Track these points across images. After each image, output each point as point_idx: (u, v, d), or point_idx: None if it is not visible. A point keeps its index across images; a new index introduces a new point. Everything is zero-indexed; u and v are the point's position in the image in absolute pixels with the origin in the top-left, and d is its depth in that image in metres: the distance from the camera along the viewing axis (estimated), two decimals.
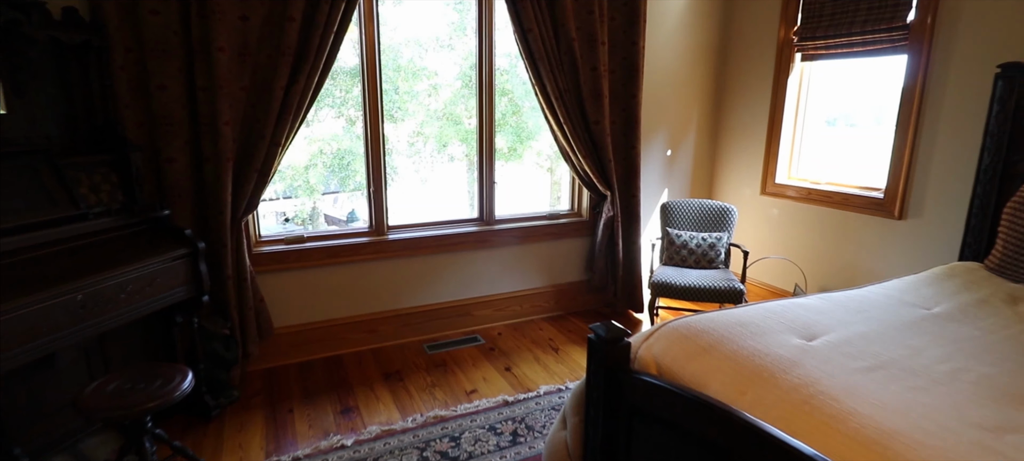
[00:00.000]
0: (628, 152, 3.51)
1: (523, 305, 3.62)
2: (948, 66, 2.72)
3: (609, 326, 1.63)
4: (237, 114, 2.52)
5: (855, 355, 1.50)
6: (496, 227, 3.46)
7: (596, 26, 3.19)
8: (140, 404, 1.78)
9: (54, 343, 1.79)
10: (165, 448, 2.14)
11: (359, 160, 3.85)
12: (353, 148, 3.99)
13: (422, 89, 4.01)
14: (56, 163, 2.07)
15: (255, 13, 2.48)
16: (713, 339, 1.58)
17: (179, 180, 2.48)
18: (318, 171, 4.21)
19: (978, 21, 2.60)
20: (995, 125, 2.43)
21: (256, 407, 2.59)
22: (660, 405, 1.45)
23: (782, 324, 1.68)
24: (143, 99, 2.41)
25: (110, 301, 1.94)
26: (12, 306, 1.65)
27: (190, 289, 2.28)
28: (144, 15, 2.32)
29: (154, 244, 2.21)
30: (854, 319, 1.77)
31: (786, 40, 3.47)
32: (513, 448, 2.28)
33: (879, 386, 1.33)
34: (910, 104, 2.87)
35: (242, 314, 2.68)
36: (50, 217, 1.97)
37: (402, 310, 3.28)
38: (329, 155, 4.11)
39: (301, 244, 2.98)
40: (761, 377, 1.39)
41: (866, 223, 3.13)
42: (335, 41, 2.60)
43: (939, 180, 2.79)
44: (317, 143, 4.00)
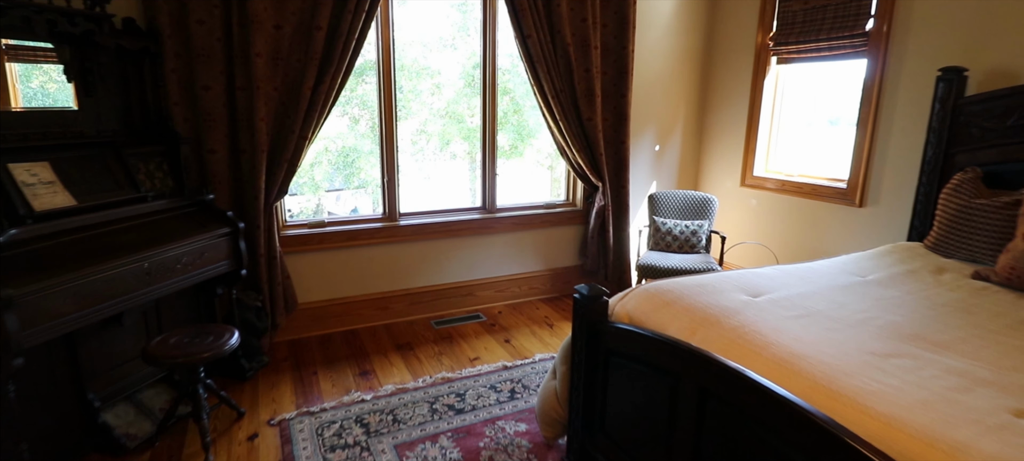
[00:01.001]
0: (618, 147, 3.84)
1: (522, 287, 3.96)
2: (900, 69, 3.05)
3: (591, 287, 1.97)
4: (270, 111, 2.87)
5: (788, 307, 1.83)
6: (497, 215, 3.80)
7: (589, 32, 3.53)
8: (198, 354, 2.13)
9: (125, 303, 2.13)
10: (213, 398, 2.49)
11: (363, 157, 4.14)
12: (358, 146, 4.22)
13: (425, 88, 4.27)
14: (120, 153, 2.42)
15: (288, 22, 2.82)
16: (674, 296, 1.92)
17: (220, 169, 2.83)
18: (323, 168, 4.48)
19: (925, 30, 2.93)
20: (936, 122, 2.76)
21: (284, 370, 2.94)
22: (630, 346, 1.79)
23: (734, 286, 2.02)
24: (190, 98, 2.75)
25: (170, 270, 2.29)
26: (96, 270, 1.99)
27: (231, 263, 2.63)
28: (192, 25, 2.66)
29: (201, 223, 2.55)
30: (797, 283, 2.10)
31: (763, 45, 3.80)
32: (511, 402, 2.62)
33: (801, 328, 1.67)
34: (869, 103, 3.20)
35: (272, 289, 3.02)
36: (117, 198, 2.32)
37: (411, 289, 3.62)
38: (334, 153, 4.38)
39: (322, 229, 3.33)
40: (708, 322, 1.73)
41: (832, 211, 3.46)
42: (356, 47, 2.94)
43: (893, 171, 3.12)
44: (322, 141, 4.24)
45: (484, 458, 2.21)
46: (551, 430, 2.23)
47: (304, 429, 2.39)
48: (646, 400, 1.74)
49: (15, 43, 2.23)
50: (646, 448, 1.77)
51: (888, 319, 1.76)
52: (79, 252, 2.03)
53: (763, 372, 1.44)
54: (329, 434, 2.35)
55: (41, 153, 2.17)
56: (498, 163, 3.77)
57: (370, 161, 3.93)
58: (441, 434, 2.37)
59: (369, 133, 3.87)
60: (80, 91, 2.39)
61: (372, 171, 3.83)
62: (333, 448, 2.26)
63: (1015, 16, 2.58)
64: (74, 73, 2.36)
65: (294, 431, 2.37)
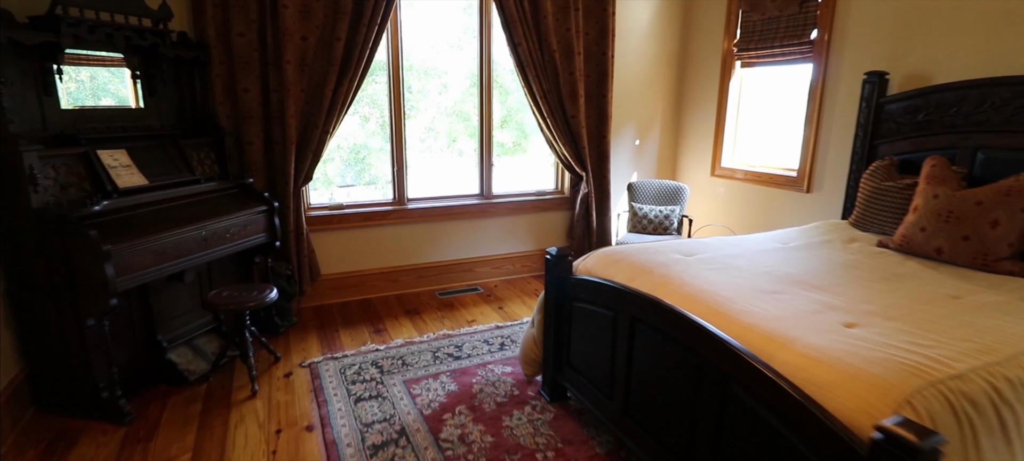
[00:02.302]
0: (600, 141, 4.34)
1: (515, 264, 4.47)
2: (839, 73, 3.52)
3: (559, 249, 2.48)
4: (298, 109, 3.39)
5: (710, 263, 2.33)
6: (494, 201, 4.31)
7: (573, 40, 4.03)
8: (245, 302, 2.66)
9: (187, 263, 2.66)
10: (254, 342, 3.01)
11: (373, 154, 4.58)
12: (368, 143, 4.59)
13: (433, 87, 4.62)
14: (178, 143, 2.95)
15: (312, 34, 3.34)
16: (622, 255, 2.42)
17: (256, 157, 3.36)
18: (336, 164, 4.95)
19: (857, 39, 3.40)
20: (863, 118, 3.24)
21: (311, 328, 3.47)
22: (587, 292, 2.30)
23: (673, 249, 2.52)
24: (232, 98, 3.28)
25: (221, 238, 2.82)
26: (167, 234, 2.52)
27: (268, 236, 3.16)
28: (234, 37, 3.19)
29: (243, 202, 3.08)
30: (729, 249, 2.60)
31: (729, 51, 4.28)
32: (500, 352, 3.14)
33: (714, 275, 2.16)
34: (814, 102, 3.68)
35: (299, 260, 3.55)
36: (178, 180, 2.85)
37: (418, 265, 4.14)
38: (346, 150, 4.84)
39: (341, 211, 3.86)
40: (644, 272, 2.22)
41: (784, 196, 3.94)
42: (370, 55, 3.46)
43: (833, 161, 3.60)
44: (335, 139, 4.55)
45: (476, 389, 2.73)
46: (530, 368, 2.74)
47: (330, 369, 2.91)
48: (596, 333, 2.25)
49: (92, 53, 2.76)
50: (598, 371, 2.28)
51: (785, 271, 2.26)
52: (153, 220, 2.56)
53: (676, 303, 1.93)
54: (350, 373, 2.88)
55: (119, 142, 2.70)
56: (503, 158, 4.28)
57: (379, 158, 4.37)
58: (441, 374, 2.88)
59: (379, 131, 4.31)
60: (145, 92, 2.93)
61: (381, 167, 4.28)
62: (354, 382, 2.78)
63: (928, 28, 3.05)
64: (142, 78, 2.90)
65: (322, 371, 2.90)
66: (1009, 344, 1.61)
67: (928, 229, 2.50)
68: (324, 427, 2.41)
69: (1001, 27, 2.74)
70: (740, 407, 1.60)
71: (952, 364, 1.47)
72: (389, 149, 4.00)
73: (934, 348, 1.55)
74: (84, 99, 2.75)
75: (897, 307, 1.89)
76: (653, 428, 1.98)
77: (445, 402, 2.62)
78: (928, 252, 2.49)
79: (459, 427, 2.42)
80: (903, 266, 2.38)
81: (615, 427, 2.20)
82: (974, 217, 2.38)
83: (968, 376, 1.44)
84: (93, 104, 2.77)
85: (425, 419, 2.48)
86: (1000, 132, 2.66)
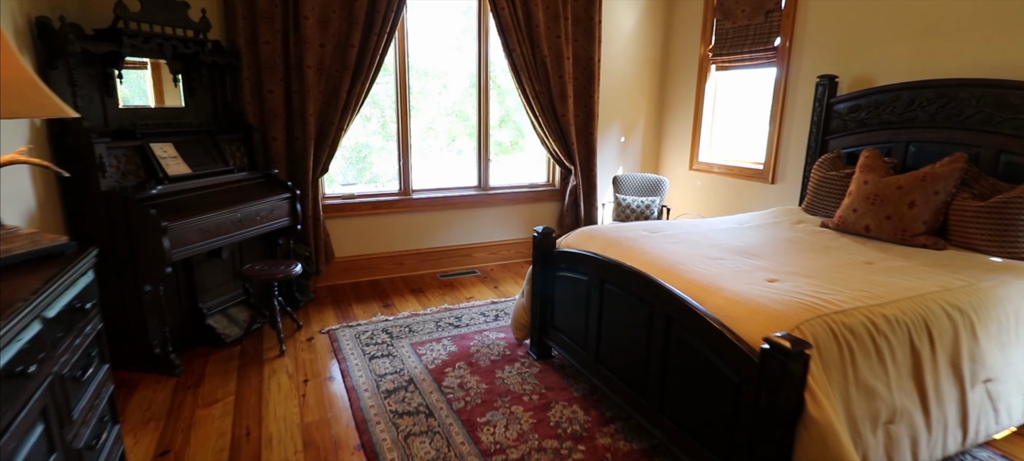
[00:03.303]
0: (587, 138, 4.77)
1: (510, 250, 4.90)
2: (798, 76, 3.95)
3: (545, 228, 2.91)
4: (316, 109, 3.82)
5: (671, 238, 2.76)
6: (491, 192, 4.74)
7: (562, 45, 4.46)
8: (275, 274, 3.10)
9: (225, 241, 3.09)
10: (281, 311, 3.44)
11: (375, 153, 4.96)
12: (369, 142, 4.84)
13: (433, 88, 4.73)
14: (214, 138, 3.39)
15: (329, 42, 3.77)
16: (598, 232, 2.85)
17: (279, 151, 3.79)
18: (338, 164, 5.26)
19: (814, 46, 3.82)
20: (816, 116, 3.67)
21: (327, 303, 3.90)
22: (567, 262, 2.73)
23: (642, 228, 2.95)
24: (258, 99, 3.71)
25: (252, 219, 3.25)
26: (209, 215, 2.95)
27: (290, 220, 3.58)
28: (261, 45, 3.62)
29: (270, 190, 3.51)
30: (689, 228, 3.03)
31: (705, 55, 4.71)
32: (495, 322, 3.56)
33: (671, 247, 2.59)
34: (778, 102, 4.10)
35: (316, 243, 3.98)
36: (215, 170, 3.28)
37: (421, 250, 4.57)
38: (348, 149, 5.15)
39: (352, 199, 4.29)
40: (615, 245, 2.65)
41: (753, 187, 4.37)
42: (380, 60, 3.89)
43: (794, 155, 4.02)
44: None
45: (473, 350, 3.16)
46: (520, 332, 3.17)
47: (346, 335, 3.35)
48: (574, 296, 2.68)
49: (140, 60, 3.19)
50: (575, 328, 2.70)
51: (733, 244, 2.68)
52: (197, 203, 2.99)
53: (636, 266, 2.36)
54: (364, 337, 3.31)
55: (166, 137, 3.14)
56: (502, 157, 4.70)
57: (380, 156, 4.72)
58: (443, 338, 3.31)
59: (379, 130, 4.67)
60: (186, 94, 3.36)
61: (382, 166, 4.67)
62: (367, 345, 3.21)
63: (871, 37, 3.47)
64: (183, 81, 3.33)
65: (339, 336, 3.33)
66: (894, 293, 2.04)
67: (859, 210, 2.93)
68: (345, 377, 2.85)
69: (929, 37, 3.17)
70: (680, 341, 2.02)
71: (840, 304, 1.90)
72: (396, 144, 4.42)
73: (830, 294, 1.98)
74: (134, 99, 3.18)
75: (815, 269, 2.31)
76: (618, 369, 2.41)
77: (446, 360, 3.05)
78: (858, 230, 2.92)
79: (458, 378, 2.85)
80: (836, 241, 2.81)
81: (589, 373, 2.62)
82: (895, 199, 2.81)
83: (851, 312, 1.87)
84: (142, 104, 3.20)
85: (430, 372, 2.91)
86: (927, 128, 3.08)
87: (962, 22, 3.01)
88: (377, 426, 2.43)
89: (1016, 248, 2.51)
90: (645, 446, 2.31)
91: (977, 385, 2.12)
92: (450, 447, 2.29)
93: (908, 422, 1.93)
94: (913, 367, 1.94)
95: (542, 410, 2.56)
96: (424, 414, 2.52)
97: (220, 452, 2.26)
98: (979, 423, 2.15)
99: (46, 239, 1.58)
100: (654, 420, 2.18)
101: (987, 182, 2.74)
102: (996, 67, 2.86)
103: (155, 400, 2.65)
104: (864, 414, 1.80)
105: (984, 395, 2.16)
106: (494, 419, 2.49)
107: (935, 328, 1.98)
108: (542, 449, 2.28)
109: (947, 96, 2.97)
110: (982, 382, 2.14)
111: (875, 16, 3.43)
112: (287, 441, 2.34)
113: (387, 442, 2.32)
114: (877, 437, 1.84)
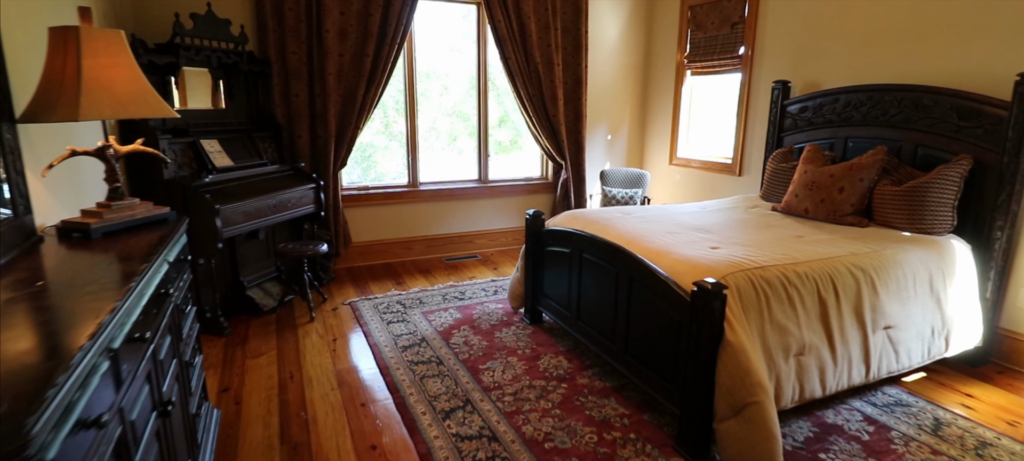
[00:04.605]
0: (577, 137, 5.31)
1: (507, 237, 5.44)
2: (760, 82, 4.49)
3: (535, 211, 3.44)
4: (336, 110, 4.35)
5: (641, 218, 3.29)
6: (490, 185, 5.28)
7: (553, 54, 4.99)
8: (305, 252, 3.63)
9: (262, 223, 3.62)
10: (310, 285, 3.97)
11: (378, 152, 5.40)
12: (373, 142, 5.21)
13: (435, 89, 5.07)
14: (251, 135, 3.92)
15: (347, 52, 4.30)
16: (580, 214, 3.38)
17: (304, 147, 4.33)
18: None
19: (771, 55, 4.36)
20: (773, 116, 4.21)
21: (346, 281, 4.43)
22: (554, 238, 3.27)
23: (617, 212, 3.48)
24: (286, 101, 4.24)
25: (285, 205, 3.78)
26: (250, 200, 3.48)
27: (315, 207, 4.11)
28: (288, 54, 4.15)
29: (298, 180, 4.03)
30: (658, 212, 3.56)
31: (681, 62, 5.25)
32: (494, 296, 4.10)
33: (639, 225, 3.12)
34: (742, 104, 4.64)
35: (336, 228, 4.52)
36: (253, 163, 3.82)
37: (428, 236, 5.11)
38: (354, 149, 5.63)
39: (366, 191, 4.82)
40: (593, 223, 3.18)
41: (722, 179, 4.91)
42: (391, 67, 4.42)
43: (757, 151, 4.56)
44: None
45: (475, 317, 3.69)
46: (515, 301, 3.70)
47: (365, 306, 3.88)
48: (560, 266, 3.22)
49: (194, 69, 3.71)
50: (561, 293, 3.24)
51: (690, 223, 3.22)
52: (241, 191, 3.52)
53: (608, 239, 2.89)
54: (381, 308, 3.84)
55: (212, 134, 3.67)
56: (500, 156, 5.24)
57: (384, 155, 5.19)
58: (449, 308, 3.85)
59: (383, 130, 5.13)
60: (227, 98, 3.89)
61: (385, 164, 5.14)
62: (384, 313, 3.75)
63: (817, 47, 4.01)
64: (224, 86, 3.87)
65: (360, 306, 3.87)
66: (807, 256, 2.58)
67: (800, 195, 3.47)
68: (367, 337, 3.38)
69: (863, 49, 3.71)
70: (638, 295, 2.56)
71: (761, 263, 2.44)
72: (405, 140, 4.95)
73: (757, 257, 2.52)
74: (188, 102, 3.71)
75: (753, 241, 2.85)
76: (594, 322, 2.95)
77: (452, 324, 3.58)
78: (799, 212, 3.46)
79: (463, 337, 3.38)
80: (779, 221, 3.35)
81: (573, 330, 3.16)
82: (828, 186, 3.35)
83: (769, 268, 2.41)
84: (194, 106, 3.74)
85: (439, 333, 3.44)
86: (860, 125, 3.62)
87: (888, 37, 3.55)
88: (397, 371, 2.96)
89: (923, 224, 3.05)
90: (615, 384, 2.85)
91: (878, 331, 2.66)
92: (457, 385, 2.82)
93: (816, 355, 2.46)
94: (821, 313, 2.48)
95: (533, 360, 3.10)
96: (435, 362, 3.06)
97: (271, 389, 2.80)
98: (881, 361, 2.69)
99: (155, 209, 2.12)
100: (620, 358, 2.72)
101: (905, 171, 3.28)
102: (914, 75, 3.40)
103: (210, 353, 3.18)
104: (777, 345, 2.34)
105: (885, 339, 2.70)
106: (493, 366, 3.02)
107: (839, 283, 2.52)
108: (532, 386, 2.82)
109: (875, 99, 3.51)
110: (883, 328, 2.68)
111: (821, 29, 3.97)
112: (324, 382, 2.88)
113: (406, 382, 2.85)
114: (789, 364, 2.38)
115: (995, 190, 2.95)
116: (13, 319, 1.14)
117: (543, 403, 2.66)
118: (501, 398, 2.70)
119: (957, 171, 2.99)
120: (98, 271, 1.51)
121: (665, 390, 2.42)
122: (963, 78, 3.17)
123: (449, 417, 2.54)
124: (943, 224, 3.01)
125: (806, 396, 2.43)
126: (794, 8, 4.13)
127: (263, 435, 2.41)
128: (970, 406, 2.72)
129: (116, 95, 1.83)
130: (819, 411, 2.62)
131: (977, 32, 3.12)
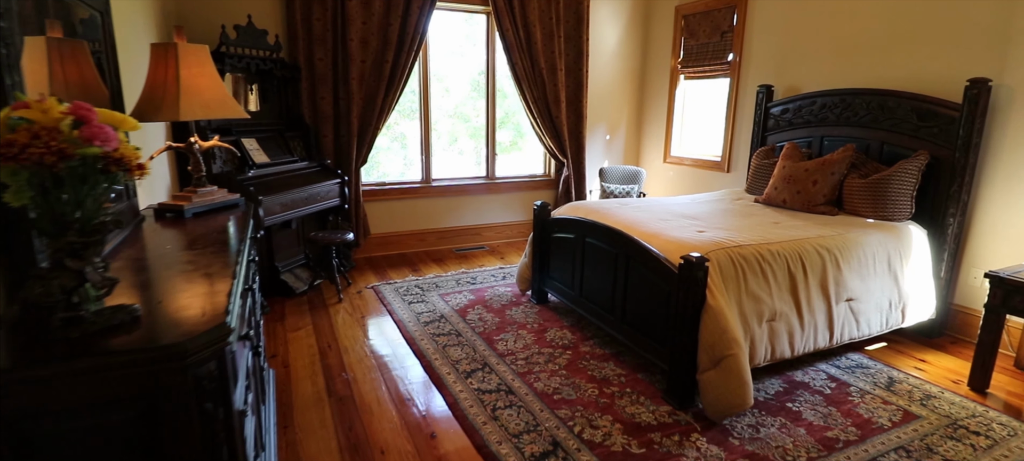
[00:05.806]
0: (578, 136, 5.72)
1: (513, 230, 5.84)
2: (747, 86, 4.90)
3: (543, 202, 3.84)
4: (358, 113, 4.75)
5: (636, 208, 3.70)
6: (497, 181, 5.68)
7: (556, 60, 5.40)
8: (334, 239, 4.03)
9: (295, 214, 4.02)
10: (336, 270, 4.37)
11: (382, 152, 5.61)
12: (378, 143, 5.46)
13: (436, 90, 5.27)
14: (283, 135, 4.32)
15: (369, 59, 4.71)
16: (583, 205, 3.79)
17: (329, 146, 4.73)
18: None
19: (757, 61, 4.78)
20: (757, 118, 4.62)
21: (367, 270, 4.83)
22: (559, 226, 3.67)
23: (616, 202, 3.89)
24: (313, 104, 4.64)
25: (314, 198, 4.18)
26: (287, 193, 3.88)
27: (339, 200, 4.51)
28: (315, 61, 4.55)
29: (325, 176, 4.43)
30: (652, 202, 3.97)
31: (675, 67, 5.66)
32: (503, 281, 4.50)
33: (635, 214, 3.53)
34: (731, 107, 5.06)
35: (357, 220, 4.92)
36: (286, 160, 4.22)
37: (440, 229, 5.51)
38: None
39: (383, 186, 5.23)
40: (594, 212, 3.59)
41: (712, 176, 5.32)
42: (408, 72, 4.82)
43: (744, 149, 4.97)
44: None
45: (487, 298, 4.09)
46: (523, 284, 4.10)
47: (387, 289, 4.28)
48: (565, 251, 3.62)
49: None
50: (565, 274, 3.64)
51: (681, 212, 3.63)
52: (277, 184, 3.92)
53: (609, 224, 3.29)
54: (401, 291, 4.24)
55: (251, 134, 4.07)
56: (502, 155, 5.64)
57: (386, 156, 5.54)
58: (463, 290, 4.25)
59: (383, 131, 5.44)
60: (261, 100, 4.29)
61: (389, 164, 5.53)
62: (405, 295, 4.15)
63: (798, 54, 4.42)
64: (258, 90, 4.26)
65: (382, 289, 4.27)
66: (780, 238, 2.99)
67: (778, 188, 3.88)
68: (392, 314, 3.78)
69: (837, 57, 4.12)
70: (635, 271, 2.97)
71: (740, 243, 2.84)
72: (407, 141, 5.35)
73: (736, 238, 2.92)
74: None
75: (734, 226, 3.26)
76: (595, 298, 3.35)
77: (467, 304, 3.99)
78: (778, 203, 3.87)
79: (478, 314, 3.78)
80: (760, 211, 3.76)
81: (576, 306, 3.56)
82: (803, 179, 3.76)
83: (746, 247, 2.81)
84: None
85: (456, 311, 3.84)
86: (834, 125, 4.04)
87: (860, 47, 3.96)
88: (421, 341, 3.36)
89: (885, 212, 3.46)
90: (613, 351, 3.25)
91: (841, 302, 3.07)
92: (475, 352, 3.23)
93: (786, 321, 2.87)
94: (791, 285, 2.89)
95: (541, 333, 3.50)
96: (454, 335, 3.46)
97: (313, 356, 3.19)
98: (844, 328, 3.09)
99: (229, 195, 2.52)
100: (618, 328, 3.12)
101: (872, 165, 3.69)
102: (881, 80, 3.81)
103: None
104: (752, 312, 2.74)
105: (847, 310, 3.10)
106: (506, 337, 3.42)
107: (807, 260, 2.93)
108: (541, 353, 3.22)
109: (847, 101, 3.92)
110: (845, 300, 3.09)
111: (802, 39, 4.38)
112: (358, 349, 3.27)
113: (430, 350, 3.25)
114: (762, 328, 2.79)
115: (948, 182, 3.36)
116: (182, 268, 1.55)
117: (551, 366, 3.06)
118: (515, 362, 3.10)
119: (915, 165, 3.41)
120: (210, 239, 1.92)
121: (657, 351, 2.83)
122: (922, 83, 3.58)
123: (470, 376, 2.94)
124: (903, 212, 3.42)
125: (777, 356, 2.84)
126: (778, 19, 4.55)
127: (312, 390, 2.81)
128: (922, 369, 3.13)
129: (205, 99, 2.23)
130: (789, 371, 3.03)
131: (934, 43, 3.54)
